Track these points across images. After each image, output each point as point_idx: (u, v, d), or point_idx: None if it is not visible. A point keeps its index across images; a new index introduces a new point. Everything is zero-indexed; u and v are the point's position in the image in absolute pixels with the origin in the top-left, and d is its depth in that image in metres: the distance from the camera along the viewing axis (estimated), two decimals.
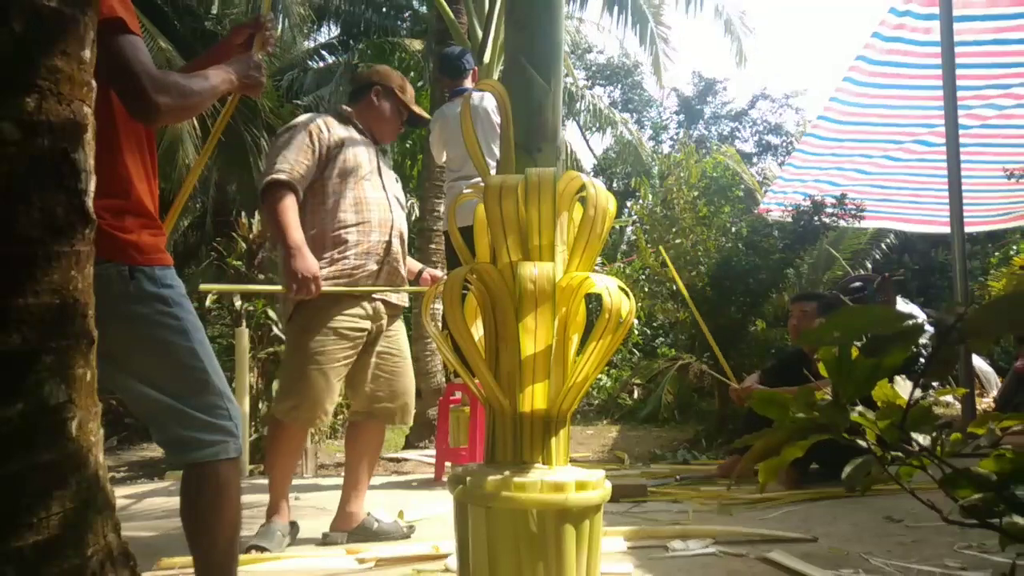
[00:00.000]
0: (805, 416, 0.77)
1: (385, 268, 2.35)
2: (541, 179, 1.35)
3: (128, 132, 1.32)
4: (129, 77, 1.23)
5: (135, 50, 1.25)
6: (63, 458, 0.90)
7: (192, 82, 1.34)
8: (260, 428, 4.19)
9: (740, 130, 19.48)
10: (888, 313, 0.68)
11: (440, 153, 3.57)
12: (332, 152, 2.29)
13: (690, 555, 1.99)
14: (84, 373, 0.94)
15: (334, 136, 2.31)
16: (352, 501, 2.32)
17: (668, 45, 10.33)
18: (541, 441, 1.34)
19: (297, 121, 2.34)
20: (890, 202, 6.49)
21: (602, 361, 1.36)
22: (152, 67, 1.26)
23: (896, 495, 2.55)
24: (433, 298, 1.67)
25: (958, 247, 3.91)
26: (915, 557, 1.91)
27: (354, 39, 10.73)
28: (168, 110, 1.27)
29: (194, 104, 1.34)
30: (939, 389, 5.72)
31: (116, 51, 1.23)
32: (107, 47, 1.22)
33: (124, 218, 1.29)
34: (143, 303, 1.29)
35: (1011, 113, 4.99)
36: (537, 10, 1.51)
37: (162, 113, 1.27)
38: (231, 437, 1.35)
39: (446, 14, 5.02)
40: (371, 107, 2.45)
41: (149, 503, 3.06)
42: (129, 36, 1.25)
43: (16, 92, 0.87)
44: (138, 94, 1.24)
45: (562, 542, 1.25)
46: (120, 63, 1.23)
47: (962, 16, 4.07)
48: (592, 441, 5.31)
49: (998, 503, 0.70)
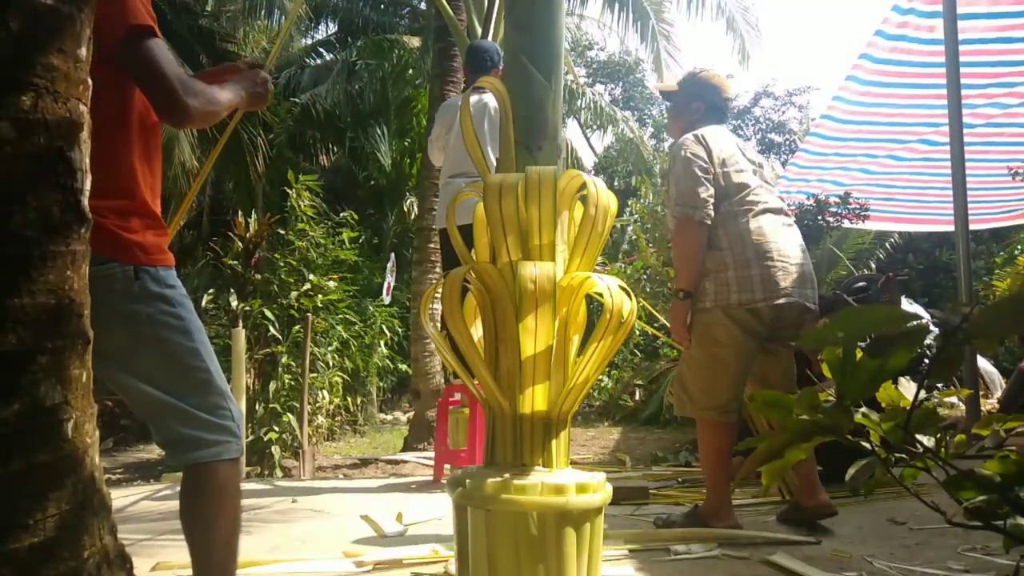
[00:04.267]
0: (808, 418, 0.76)
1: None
2: (542, 178, 1.34)
3: (141, 133, 1.34)
4: (161, 80, 1.27)
5: (165, 54, 1.28)
6: (59, 460, 0.89)
7: (213, 90, 1.37)
8: (256, 430, 4.19)
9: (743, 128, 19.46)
10: (892, 313, 0.67)
11: (439, 150, 3.53)
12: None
13: (692, 558, 1.99)
14: (80, 374, 0.94)
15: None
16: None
17: (670, 42, 10.31)
18: (541, 443, 1.34)
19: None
20: (894, 202, 6.47)
21: (603, 362, 1.35)
22: (180, 71, 1.30)
23: (900, 497, 2.55)
24: (432, 298, 1.67)
25: (962, 246, 3.90)
26: (919, 560, 1.90)
27: (352, 36, 10.73)
28: (196, 114, 1.30)
29: (216, 112, 1.37)
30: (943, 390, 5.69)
31: (146, 55, 1.26)
32: (136, 51, 1.26)
33: (129, 218, 1.30)
34: (147, 303, 1.30)
35: (1016, 111, 4.96)
36: (537, 8, 1.51)
37: (191, 116, 1.30)
38: (233, 437, 1.36)
39: (445, 11, 5.02)
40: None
41: (145, 505, 3.06)
42: (157, 40, 1.28)
43: (12, 90, 0.86)
44: (170, 97, 1.27)
45: (562, 545, 1.24)
46: (152, 66, 1.26)
47: (966, 14, 4.05)
48: (593, 443, 5.31)
49: (1002, 505, 0.69)
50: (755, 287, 2.25)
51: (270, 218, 4.87)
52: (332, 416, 5.62)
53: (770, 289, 2.24)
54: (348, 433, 6.35)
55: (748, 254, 2.26)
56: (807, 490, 2.30)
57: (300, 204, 4.83)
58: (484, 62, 3.42)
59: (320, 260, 4.94)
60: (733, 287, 2.26)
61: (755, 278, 2.25)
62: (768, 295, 2.24)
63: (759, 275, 2.25)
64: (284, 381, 4.40)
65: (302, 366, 4.20)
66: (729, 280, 2.26)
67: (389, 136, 9.69)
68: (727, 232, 2.29)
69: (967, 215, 3.92)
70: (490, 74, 3.41)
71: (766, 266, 2.25)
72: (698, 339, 2.32)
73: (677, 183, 2.32)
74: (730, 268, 2.27)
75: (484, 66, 3.41)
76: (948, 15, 3.88)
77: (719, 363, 2.27)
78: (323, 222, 5.37)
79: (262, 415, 4.26)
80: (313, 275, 4.75)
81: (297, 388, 4.34)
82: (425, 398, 4.86)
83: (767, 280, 2.25)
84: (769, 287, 2.24)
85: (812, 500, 2.29)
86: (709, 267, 2.29)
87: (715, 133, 2.41)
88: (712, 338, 2.28)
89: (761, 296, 2.24)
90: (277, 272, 4.62)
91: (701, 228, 2.27)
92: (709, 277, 2.29)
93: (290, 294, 4.56)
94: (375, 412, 7.58)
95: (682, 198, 2.29)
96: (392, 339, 7.28)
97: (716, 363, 2.28)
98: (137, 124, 1.33)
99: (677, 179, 2.33)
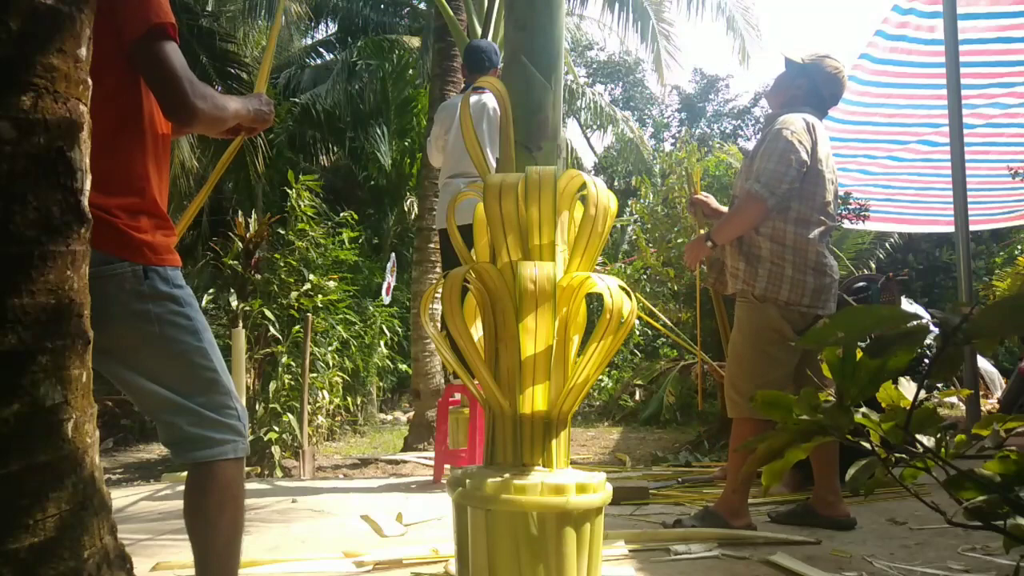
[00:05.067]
0: (809, 418, 0.76)
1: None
2: (542, 178, 1.34)
3: (154, 133, 1.35)
4: (171, 79, 1.28)
5: (177, 55, 1.29)
6: (59, 460, 0.89)
7: (222, 97, 1.38)
8: (257, 430, 4.18)
9: (743, 128, 19.44)
10: (892, 313, 0.67)
11: (438, 150, 3.53)
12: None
13: (692, 558, 1.98)
14: (80, 374, 0.94)
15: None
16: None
17: (670, 42, 10.31)
18: (541, 443, 1.34)
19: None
20: (894, 202, 6.47)
21: (603, 362, 1.35)
22: (191, 73, 1.31)
23: (900, 497, 2.55)
24: (432, 298, 1.66)
25: (962, 246, 3.90)
26: (919, 560, 1.90)
27: (352, 36, 10.74)
28: (203, 117, 1.31)
29: (222, 118, 1.38)
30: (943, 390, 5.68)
31: (159, 53, 1.27)
32: (150, 49, 1.27)
33: (139, 218, 1.31)
34: (156, 302, 1.31)
35: (1016, 111, 4.96)
36: (537, 8, 1.51)
37: (198, 118, 1.31)
38: (239, 437, 1.36)
39: (445, 11, 5.02)
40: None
41: (145, 505, 3.06)
42: (172, 43, 1.29)
43: (12, 90, 0.86)
44: (179, 97, 1.28)
45: (562, 545, 1.24)
46: (163, 65, 1.27)
47: (966, 14, 4.05)
48: (593, 443, 5.30)
49: (1002, 505, 0.69)
50: (806, 293, 2.27)
51: (270, 218, 4.87)
52: (332, 416, 5.62)
53: (816, 300, 2.29)
54: (348, 433, 6.35)
55: (809, 264, 2.29)
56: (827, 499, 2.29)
57: (300, 204, 4.83)
58: (482, 62, 3.42)
59: (320, 260, 4.94)
60: (786, 286, 2.27)
61: (808, 285, 2.28)
62: (814, 305, 2.28)
63: (813, 285, 2.28)
64: (284, 381, 4.40)
65: (302, 366, 4.20)
66: (784, 278, 2.27)
67: (389, 136, 9.69)
68: (796, 235, 2.29)
69: (967, 215, 3.92)
70: (488, 74, 3.41)
71: (821, 280, 2.30)
72: (751, 338, 2.31)
73: (768, 159, 2.27)
74: (788, 267, 2.27)
75: (482, 66, 3.41)
76: (948, 15, 3.88)
77: (773, 360, 2.27)
78: (323, 222, 5.37)
79: (262, 415, 4.26)
80: (313, 275, 4.75)
81: (297, 388, 4.34)
82: (425, 398, 4.86)
83: (817, 292, 2.29)
84: (816, 298, 2.29)
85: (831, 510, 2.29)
86: (764, 255, 2.29)
87: (823, 131, 2.39)
88: (765, 336, 2.28)
89: (808, 303, 2.27)
90: (277, 272, 4.62)
91: (767, 213, 2.26)
92: (764, 265, 2.29)
93: (290, 294, 4.56)
94: (375, 412, 7.58)
95: (766, 177, 2.24)
96: (392, 339, 7.28)
97: (770, 360, 2.27)
98: (149, 126, 1.34)
99: (770, 156, 2.27)
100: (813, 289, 2.28)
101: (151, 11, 1.26)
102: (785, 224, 2.28)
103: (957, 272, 4.05)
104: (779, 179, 2.24)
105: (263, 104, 1.53)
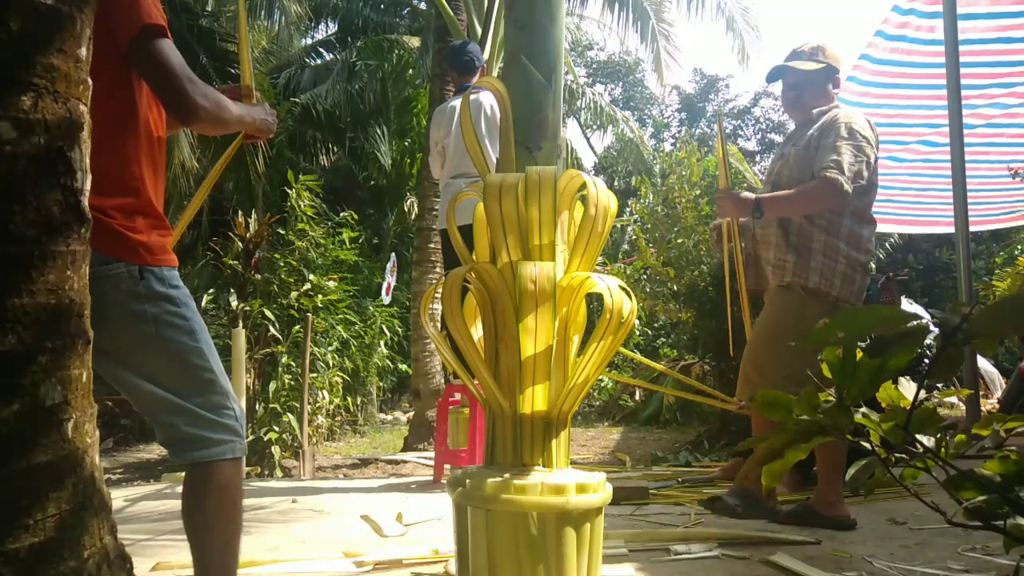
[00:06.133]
0: (809, 418, 0.76)
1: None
2: (541, 178, 1.34)
3: (148, 134, 1.36)
4: (172, 78, 1.29)
5: (175, 53, 1.30)
6: (59, 460, 0.89)
7: (224, 98, 1.39)
8: (256, 430, 4.19)
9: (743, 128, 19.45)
10: (892, 313, 0.67)
11: (439, 155, 3.53)
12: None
13: (692, 558, 1.98)
14: (80, 374, 0.94)
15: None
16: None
17: (670, 42, 10.30)
18: (541, 443, 1.34)
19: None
20: (894, 203, 6.46)
21: (603, 362, 1.35)
22: (191, 71, 1.31)
23: (900, 497, 2.54)
24: (432, 298, 1.66)
25: (962, 247, 3.90)
26: (919, 560, 1.90)
27: (352, 36, 10.74)
28: (205, 114, 1.32)
29: (223, 119, 1.38)
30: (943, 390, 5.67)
31: (158, 53, 1.28)
32: (148, 49, 1.27)
33: (135, 218, 1.31)
34: (152, 303, 1.31)
35: (1016, 111, 4.96)
36: (537, 8, 1.51)
37: (199, 115, 1.31)
38: (236, 437, 1.36)
39: (445, 11, 5.02)
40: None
41: (145, 505, 3.06)
42: (168, 40, 1.30)
43: (12, 90, 0.86)
44: (181, 94, 1.29)
45: (562, 545, 1.24)
46: (163, 64, 1.28)
47: (966, 14, 4.04)
48: (593, 443, 5.31)
49: (1002, 505, 0.69)
50: (854, 291, 2.26)
51: (270, 218, 4.87)
52: (332, 416, 5.62)
53: (858, 300, 2.27)
54: (348, 433, 6.36)
55: (860, 261, 2.26)
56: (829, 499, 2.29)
57: (300, 204, 4.83)
58: (471, 63, 3.45)
59: (320, 260, 4.94)
60: (838, 281, 2.24)
61: (856, 281, 2.26)
62: (855, 301, 2.26)
63: (859, 283, 2.27)
64: (284, 381, 4.40)
65: (302, 366, 4.20)
66: (836, 273, 2.24)
67: (389, 136, 9.69)
68: (851, 230, 2.26)
69: (967, 215, 3.92)
70: (477, 73, 3.44)
71: (864, 279, 2.29)
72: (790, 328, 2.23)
73: (842, 152, 2.20)
74: (841, 261, 2.25)
75: (472, 67, 3.44)
76: (948, 15, 3.88)
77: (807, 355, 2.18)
78: (323, 222, 5.37)
79: (262, 415, 4.26)
80: (313, 275, 4.75)
81: (297, 388, 4.34)
82: (425, 398, 4.86)
83: (860, 291, 2.27)
84: (858, 297, 2.27)
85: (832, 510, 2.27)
86: (816, 247, 2.26)
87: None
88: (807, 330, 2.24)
89: (854, 301, 2.26)
90: (277, 272, 4.62)
91: (843, 204, 2.22)
92: (816, 258, 2.25)
93: (290, 294, 4.56)
94: (375, 412, 7.58)
95: (851, 169, 2.19)
96: (392, 339, 7.28)
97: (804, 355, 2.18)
98: (144, 127, 1.34)
99: (844, 148, 2.21)
100: (859, 287, 2.26)
101: (143, 12, 1.27)
102: (842, 218, 2.25)
103: (957, 272, 4.05)
104: (858, 173, 2.21)
105: (268, 114, 1.55)
